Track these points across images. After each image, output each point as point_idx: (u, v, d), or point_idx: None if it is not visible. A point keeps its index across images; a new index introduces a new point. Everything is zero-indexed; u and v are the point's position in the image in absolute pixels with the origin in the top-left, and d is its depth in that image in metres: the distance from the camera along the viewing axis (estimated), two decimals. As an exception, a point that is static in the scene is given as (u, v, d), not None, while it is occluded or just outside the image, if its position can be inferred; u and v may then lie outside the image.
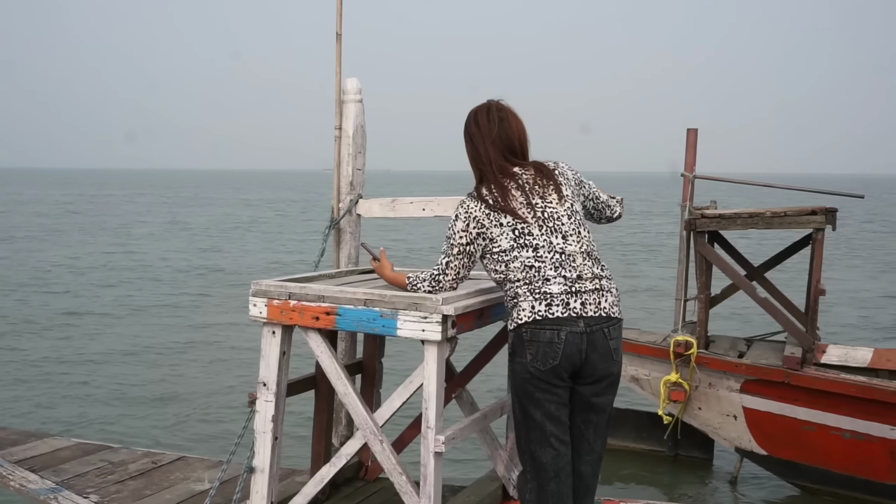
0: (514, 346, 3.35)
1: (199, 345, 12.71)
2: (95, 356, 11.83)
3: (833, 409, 6.47)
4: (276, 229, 35.70)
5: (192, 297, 17.23)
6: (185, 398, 9.82)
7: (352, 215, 4.62)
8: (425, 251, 25.88)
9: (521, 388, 3.34)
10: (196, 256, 24.68)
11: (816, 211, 6.77)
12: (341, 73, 4.49)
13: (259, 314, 3.76)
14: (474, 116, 3.53)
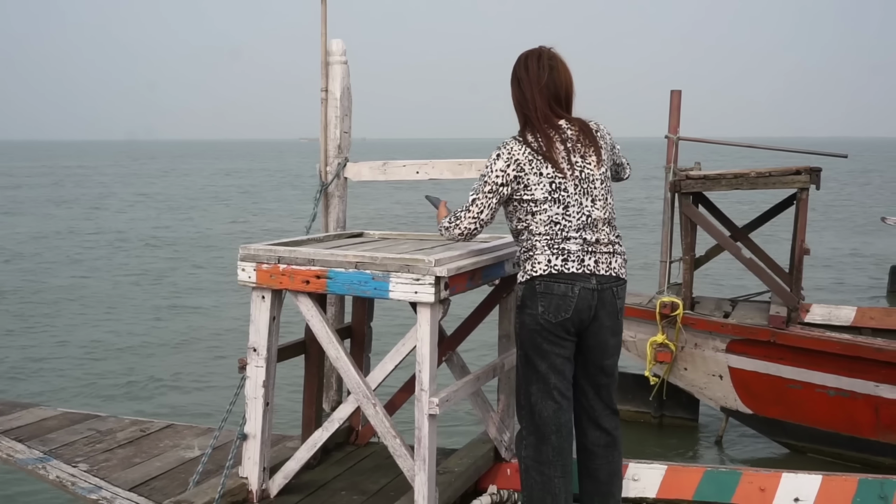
0: (525, 298, 3.40)
1: (186, 311, 12.67)
2: (80, 327, 11.77)
3: (818, 367, 6.52)
4: (253, 198, 35.52)
5: (172, 264, 17.15)
6: (173, 366, 9.80)
7: (340, 179, 4.59)
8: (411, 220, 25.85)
9: (528, 340, 3.40)
10: (177, 224, 24.55)
11: (801, 171, 6.78)
12: (326, 34, 4.44)
13: (248, 279, 3.74)
14: (525, 60, 3.49)
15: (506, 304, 4.26)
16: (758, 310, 7.32)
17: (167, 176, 54.83)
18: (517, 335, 3.48)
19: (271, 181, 48.52)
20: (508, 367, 4.21)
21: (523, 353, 3.45)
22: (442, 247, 4.03)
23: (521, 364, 3.48)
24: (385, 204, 31.00)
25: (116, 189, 41.27)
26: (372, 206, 29.85)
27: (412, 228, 22.87)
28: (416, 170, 4.53)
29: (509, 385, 4.29)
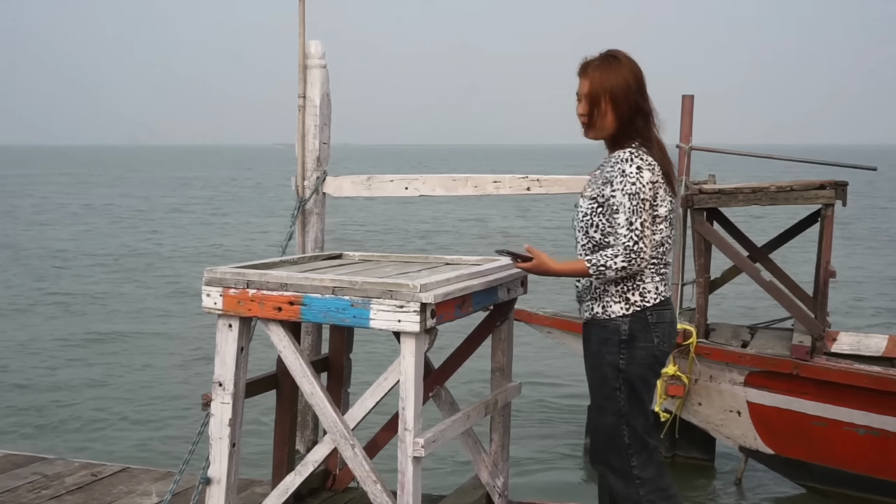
0: (635, 332, 3.56)
1: (145, 339, 12.63)
2: (24, 349, 11.72)
3: (846, 402, 6.53)
4: (220, 211, 35.48)
5: (132, 286, 17.10)
6: (129, 401, 9.76)
7: (318, 194, 4.60)
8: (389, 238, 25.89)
9: (639, 376, 3.59)
10: (136, 241, 24.49)
11: (825, 185, 6.82)
12: (305, 35, 4.45)
13: (213, 305, 3.73)
14: (636, 64, 3.64)
15: (499, 334, 4.27)
16: (779, 338, 7.33)
17: (117, 185, 54.74)
18: (620, 371, 3.57)
19: (241, 193, 48.47)
20: (502, 405, 4.20)
21: (629, 388, 3.59)
22: (428, 270, 4.04)
23: (626, 401, 3.60)
24: (368, 216, 31.04)
25: (62, 199, 41.18)
26: (353, 218, 29.87)
27: (399, 246, 23.03)
28: (405, 185, 4.54)
29: (503, 424, 4.29)
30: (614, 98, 3.58)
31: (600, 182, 3.60)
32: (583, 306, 3.73)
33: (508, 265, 4.11)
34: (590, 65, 3.64)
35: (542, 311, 7.69)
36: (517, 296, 4.24)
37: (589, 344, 3.68)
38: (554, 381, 10.22)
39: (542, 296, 13.51)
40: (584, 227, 3.63)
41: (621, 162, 3.52)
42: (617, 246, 3.50)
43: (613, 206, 3.51)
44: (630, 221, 3.47)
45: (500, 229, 28.22)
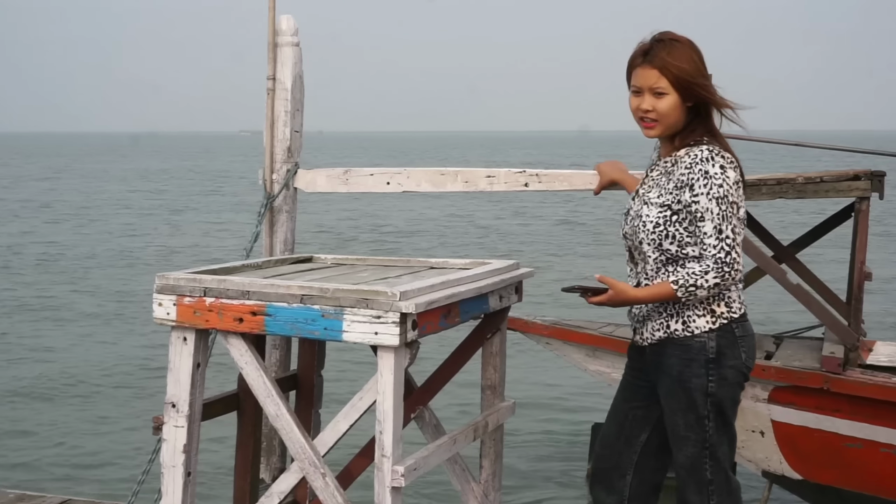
0: (722, 348, 3.56)
1: (88, 354, 12.59)
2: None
3: (884, 420, 6.54)
4: (176, 208, 35.41)
5: (76, 293, 17.05)
6: (71, 423, 9.73)
7: (289, 190, 4.60)
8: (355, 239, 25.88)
9: (729, 397, 3.62)
10: (75, 241, 24.42)
11: (860, 175, 6.81)
12: (275, 8, 4.45)
13: (166, 316, 3.72)
14: (697, 46, 3.63)
15: (491, 347, 4.27)
16: (808, 349, 7.34)
17: (59, 178, 54.55)
18: (709, 395, 3.57)
19: (200, 186, 48.40)
20: (493, 427, 4.21)
21: (718, 414, 3.59)
22: (410, 275, 4.04)
23: (714, 429, 3.60)
24: (343, 212, 31.02)
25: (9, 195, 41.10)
26: (326, 216, 29.85)
27: (377, 248, 23.01)
28: (387, 180, 4.54)
29: (495, 449, 4.29)
30: (688, 86, 3.56)
31: (672, 186, 3.56)
32: (648, 325, 3.68)
33: (501, 269, 4.12)
34: (652, 51, 3.58)
35: (541, 320, 7.68)
36: (511, 304, 4.25)
37: (666, 367, 3.63)
38: (552, 400, 10.22)
39: (539, 302, 13.54)
40: (656, 239, 3.58)
41: (701, 162, 3.50)
42: (705, 259, 3.49)
43: (697, 212, 3.49)
44: (719, 229, 3.46)
45: (493, 227, 28.23)
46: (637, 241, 3.64)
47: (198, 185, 49.11)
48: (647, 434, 3.81)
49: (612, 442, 3.87)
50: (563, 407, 10.00)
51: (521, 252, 21.12)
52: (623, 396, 3.89)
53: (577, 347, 7.38)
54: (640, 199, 3.68)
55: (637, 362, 3.84)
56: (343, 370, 9.75)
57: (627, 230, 3.70)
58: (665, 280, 3.55)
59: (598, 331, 7.38)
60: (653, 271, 3.62)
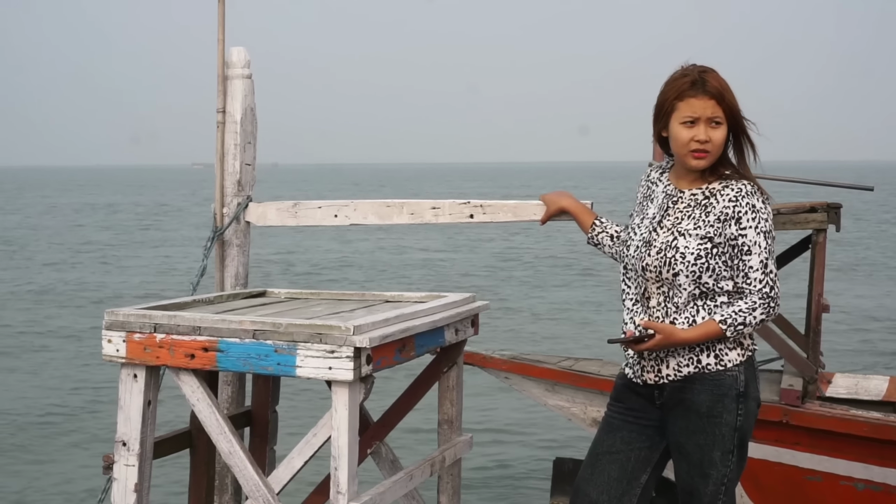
0: (748, 381, 3.59)
1: (34, 392, 12.45)
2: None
3: (842, 453, 6.58)
4: (124, 243, 35.12)
5: (15, 331, 16.86)
6: (12, 463, 9.61)
7: (240, 223, 4.59)
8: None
9: (750, 431, 3.64)
10: (19, 278, 24.17)
11: (816, 207, 6.88)
12: (224, 40, 4.46)
13: (115, 353, 3.71)
14: None
15: (447, 381, 4.28)
16: (767, 381, 7.36)
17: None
18: (735, 430, 3.56)
19: (149, 221, 48.02)
20: (451, 462, 4.21)
21: (740, 449, 3.60)
22: (364, 309, 4.05)
23: (735, 462, 3.61)
24: (305, 245, 30.94)
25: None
26: (285, 248, 29.77)
27: (333, 280, 22.96)
28: (335, 213, 4.55)
29: (452, 485, 4.29)
30: (736, 119, 3.60)
31: (712, 218, 3.53)
32: (670, 362, 3.61)
33: (456, 302, 4.13)
34: (707, 81, 3.56)
35: (499, 354, 7.68)
36: (467, 337, 4.26)
37: (695, 404, 3.57)
38: (512, 434, 10.22)
39: (496, 336, 13.56)
40: (696, 272, 3.51)
41: (748, 195, 3.51)
42: (751, 295, 3.50)
43: (744, 246, 3.49)
44: (765, 264, 3.49)
45: (444, 259, 28.26)
46: (671, 274, 3.54)
47: (150, 219, 48.78)
48: (647, 475, 3.77)
49: (613, 485, 3.76)
50: (521, 441, 10.00)
51: (477, 285, 21.16)
52: (623, 438, 3.77)
53: (537, 382, 7.38)
54: (668, 230, 3.59)
55: (635, 402, 3.75)
56: (296, 405, 9.71)
57: (652, 262, 3.58)
58: (710, 318, 3.51)
59: (557, 365, 7.39)
60: (682, 304, 3.55)
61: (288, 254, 29.10)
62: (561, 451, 8.78)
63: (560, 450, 8.94)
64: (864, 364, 13.33)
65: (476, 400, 10.74)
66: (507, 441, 10.00)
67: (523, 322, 16.92)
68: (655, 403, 3.68)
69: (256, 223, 4.64)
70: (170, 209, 58.07)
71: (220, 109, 4.53)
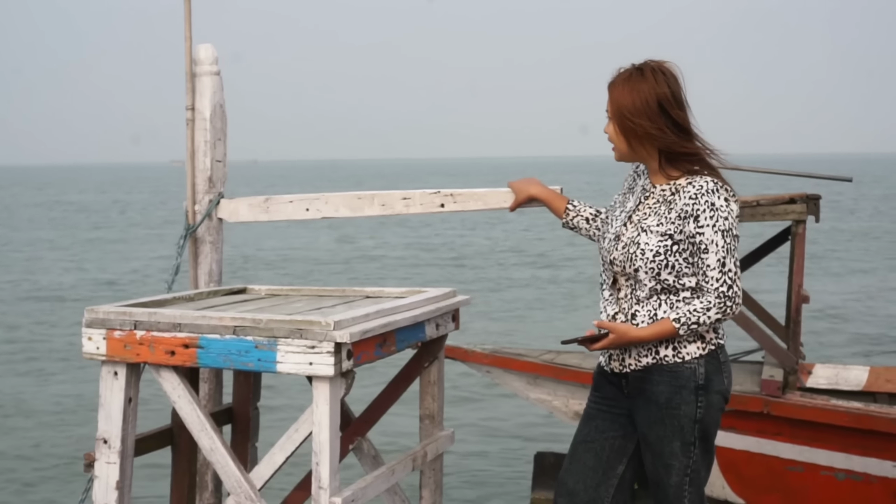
0: (710, 374, 3.60)
1: (12, 390, 12.41)
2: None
3: (823, 443, 6.62)
4: (98, 241, 34.95)
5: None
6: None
7: (212, 220, 4.60)
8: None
9: (714, 424, 3.67)
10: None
11: (795, 199, 6.92)
12: (191, 37, 4.47)
13: (96, 350, 3.71)
14: (664, 81, 3.60)
15: (428, 376, 4.30)
16: (747, 373, 7.42)
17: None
18: (696, 422, 3.59)
19: (126, 218, 47.81)
20: (433, 456, 4.23)
21: (703, 441, 3.63)
22: (344, 305, 4.06)
23: (699, 456, 3.64)
24: (277, 243, 30.90)
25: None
26: (260, 245, 29.72)
27: (311, 278, 22.88)
28: (306, 206, 4.55)
29: (434, 479, 4.31)
30: (620, 119, 3.61)
31: (674, 215, 3.54)
32: (632, 351, 3.64)
33: (437, 297, 4.15)
34: (615, 77, 3.64)
35: (480, 348, 7.71)
36: (448, 332, 4.28)
37: (653, 394, 3.61)
38: (494, 428, 10.25)
39: (476, 329, 13.58)
40: (654, 268, 3.54)
41: (707, 193, 3.50)
42: (707, 294, 3.52)
43: (702, 244, 3.50)
44: (723, 262, 3.49)
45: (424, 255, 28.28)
46: (632, 269, 3.58)
47: (127, 217, 48.55)
48: (623, 466, 3.79)
49: (589, 474, 3.80)
50: (503, 435, 10.02)
51: (459, 280, 21.18)
52: (597, 427, 3.82)
53: (518, 375, 7.41)
54: (636, 225, 3.63)
55: (608, 391, 3.80)
56: (279, 402, 9.71)
57: (618, 256, 3.63)
58: (665, 317, 3.54)
59: (539, 358, 7.42)
60: (645, 299, 3.59)
61: (270, 251, 29.07)
62: (542, 444, 8.81)
63: (541, 443, 8.97)
64: (845, 352, 13.42)
65: (458, 394, 10.79)
66: (489, 435, 10.03)
67: (502, 316, 16.99)
68: (624, 392, 3.73)
69: (228, 219, 4.64)
70: (149, 205, 57.86)
71: (190, 107, 4.54)
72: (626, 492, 3.83)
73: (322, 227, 34.24)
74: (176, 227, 4.94)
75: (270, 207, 4.62)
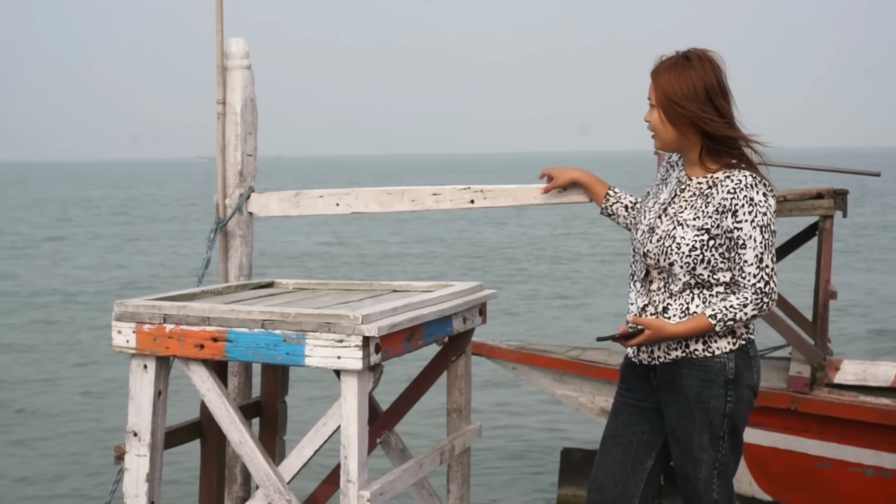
0: (740, 369, 3.60)
1: (45, 383, 12.49)
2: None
3: (852, 440, 6.61)
4: (127, 237, 35.14)
5: (29, 323, 16.92)
6: (26, 455, 9.64)
7: (242, 214, 4.62)
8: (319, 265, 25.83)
9: (743, 419, 3.67)
10: (21, 271, 24.22)
11: (823, 193, 6.89)
12: (223, 31, 4.49)
13: (125, 343, 3.74)
14: (710, 69, 3.60)
15: (456, 370, 4.31)
16: (775, 369, 7.40)
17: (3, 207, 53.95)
18: (725, 416, 3.60)
19: (156, 213, 48.08)
20: (460, 450, 4.24)
21: (732, 435, 3.64)
22: (372, 299, 4.07)
23: (728, 450, 3.64)
24: (304, 239, 30.97)
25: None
26: (287, 241, 29.80)
27: (339, 272, 22.97)
28: (336, 201, 4.57)
29: (462, 473, 4.32)
30: (669, 106, 3.57)
31: (711, 209, 3.53)
32: (661, 344, 3.64)
33: (464, 291, 4.16)
34: (659, 65, 3.62)
35: (506, 344, 7.71)
36: (475, 326, 4.28)
37: (681, 388, 3.61)
38: (520, 422, 10.25)
39: (501, 324, 13.57)
40: (690, 263, 3.53)
41: (746, 188, 3.49)
42: (744, 290, 3.50)
43: (739, 239, 3.48)
44: (760, 258, 3.48)
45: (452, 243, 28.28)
46: (667, 263, 3.57)
47: (161, 212, 48.78)
48: (652, 460, 3.79)
49: (618, 469, 3.80)
50: (530, 429, 10.02)
51: (486, 273, 21.18)
52: (624, 421, 3.83)
53: (544, 372, 7.42)
54: (672, 218, 3.62)
55: (636, 384, 3.80)
56: (309, 396, 9.75)
57: (652, 249, 3.61)
58: (699, 312, 3.54)
59: (565, 355, 7.42)
60: (678, 293, 3.59)
61: (295, 244, 29.13)
62: (568, 441, 8.81)
63: (568, 440, 8.97)
64: (873, 348, 13.35)
65: (485, 389, 10.79)
66: (517, 430, 10.03)
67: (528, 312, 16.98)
68: (652, 385, 3.73)
69: (259, 214, 4.66)
70: (177, 201, 58.10)
71: (220, 101, 4.56)
72: (656, 486, 3.84)
73: (344, 222, 34.34)
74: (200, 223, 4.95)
75: (301, 202, 4.64)
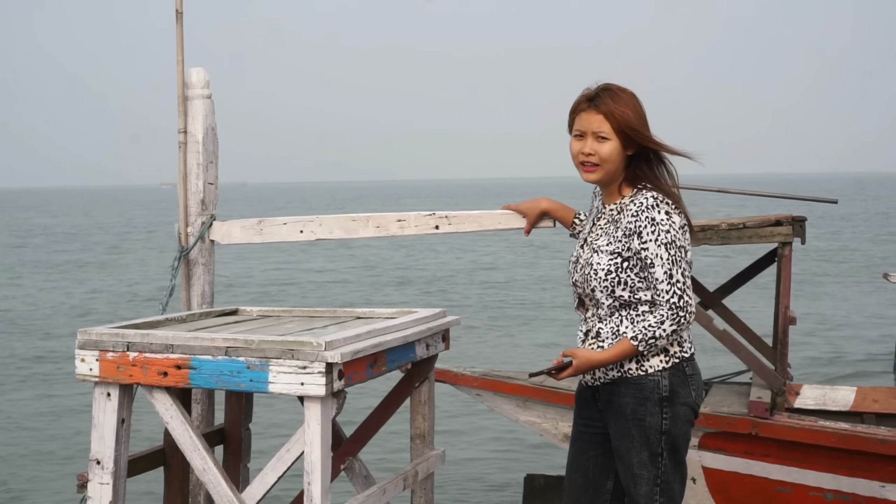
0: (675, 387, 3.64)
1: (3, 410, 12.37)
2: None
3: (812, 464, 6.64)
4: (86, 264, 34.84)
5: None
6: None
7: (204, 242, 4.63)
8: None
9: (682, 436, 3.70)
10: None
11: (781, 220, 6.94)
12: (183, 61, 4.51)
13: (89, 371, 3.73)
14: (638, 99, 3.72)
15: (419, 396, 4.32)
16: (736, 394, 7.43)
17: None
18: (663, 433, 3.65)
19: (115, 240, 47.68)
20: (423, 476, 4.25)
21: (672, 451, 3.68)
22: (336, 326, 4.09)
23: (668, 466, 3.68)
24: (267, 265, 30.85)
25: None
26: (251, 266, 29.67)
27: (303, 298, 22.81)
28: (300, 228, 4.59)
29: (425, 499, 4.33)
30: (630, 134, 3.66)
31: (620, 233, 3.64)
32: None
33: (427, 317, 4.18)
34: (598, 97, 3.68)
35: (470, 371, 7.70)
36: (437, 352, 4.31)
37: (619, 406, 3.70)
38: (483, 448, 10.25)
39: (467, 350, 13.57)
40: (608, 286, 3.64)
41: (647, 209, 3.59)
42: (660, 308, 3.58)
43: (647, 259, 3.58)
44: (670, 274, 3.55)
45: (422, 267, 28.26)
46: (589, 289, 3.70)
47: (114, 240, 48.35)
48: (611, 481, 3.86)
49: (581, 494, 3.90)
50: (494, 454, 10.03)
51: (449, 301, 21.17)
52: (579, 448, 3.92)
53: (508, 398, 7.41)
54: (589, 246, 3.76)
55: (587, 410, 3.89)
56: (273, 422, 9.71)
57: (578, 278, 3.76)
58: (624, 336, 3.63)
59: (529, 381, 7.42)
60: (606, 316, 3.70)
61: (260, 273, 29.03)
62: (532, 467, 8.82)
63: (531, 466, 8.98)
64: (832, 372, 13.44)
65: (449, 414, 10.79)
66: (480, 456, 10.03)
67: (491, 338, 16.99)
68: (598, 406, 3.81)
69: (221, 241, 4.67)
70: (133, 230, 57.70)
71: (182, 130, 4.58)
72: None
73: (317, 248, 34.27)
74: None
75: (264, 230, 4.65)
